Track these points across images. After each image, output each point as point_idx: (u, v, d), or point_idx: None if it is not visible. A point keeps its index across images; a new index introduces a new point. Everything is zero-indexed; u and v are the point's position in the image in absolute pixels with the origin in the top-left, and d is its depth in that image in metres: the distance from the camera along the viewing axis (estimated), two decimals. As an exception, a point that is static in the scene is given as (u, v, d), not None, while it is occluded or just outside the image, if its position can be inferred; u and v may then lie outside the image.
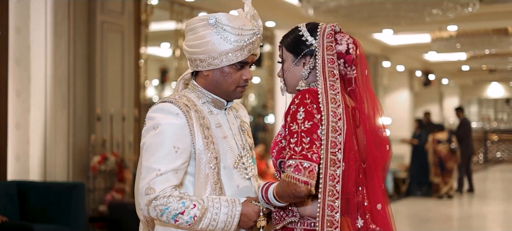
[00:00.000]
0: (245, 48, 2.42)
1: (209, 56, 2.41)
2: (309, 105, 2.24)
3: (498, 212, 11.24)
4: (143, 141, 2.38)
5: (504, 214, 10.86)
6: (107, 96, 7.50)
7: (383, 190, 2.37)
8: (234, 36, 2.39)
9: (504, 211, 11.24)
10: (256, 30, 2.45)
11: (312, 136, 2.20)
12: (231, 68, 2.44)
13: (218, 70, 2.44)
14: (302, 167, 2.16)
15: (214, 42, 2.39)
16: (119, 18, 7.71)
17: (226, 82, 2.46)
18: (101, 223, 7.10)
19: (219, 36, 2.39)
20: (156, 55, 11.86)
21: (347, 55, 2.36)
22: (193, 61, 2.47)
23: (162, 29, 10.52)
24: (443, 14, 9.24)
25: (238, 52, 2.41)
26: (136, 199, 2.50)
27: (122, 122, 7.66)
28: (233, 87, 2.48)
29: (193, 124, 2.38)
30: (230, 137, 2.51)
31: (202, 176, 2.39)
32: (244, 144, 2.57)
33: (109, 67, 7.53)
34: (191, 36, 2.46)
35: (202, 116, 2.44)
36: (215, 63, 2.42)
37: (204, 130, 2.41)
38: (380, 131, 2.40)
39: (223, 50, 2.39)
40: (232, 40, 2.39)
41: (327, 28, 2.38)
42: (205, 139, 2.40)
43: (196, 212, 2.28)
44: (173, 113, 2.37)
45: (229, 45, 2.39)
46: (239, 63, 2.43)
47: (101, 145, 7.35)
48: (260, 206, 2.37)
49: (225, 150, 2.47)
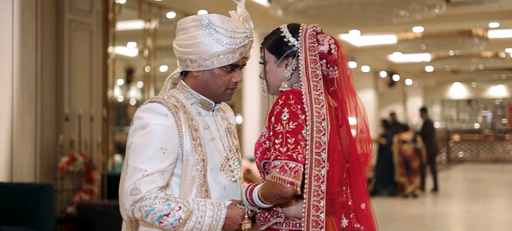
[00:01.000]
0: (237, 51, 2.41)
1: (200, 57, 2.39)
2: (294, 106, 2.24)
3: (461, 211, 11.41)
4: (130, 140, 2.36)
5: (467, 213, 11.02)
6: (75, 96, 7.40)
7: (366, 189, 2.39)
8: (227, 38, 2.38)
9: (467, 210, 11.41)
10: (248, 33, 2.44)
11: (297, 136, 2.20)
12: (221, 70, 2.42)
13: (209, 71, 2.43)
14: (288, 168, 2.16)
15: (206, 44, 2.38)
16: (87, 17, 7.61)
17: (216, 84, 2.45)
18: (69, 225, 7.01)
19: (211, 38, 2.37)
20: (122, 55, 11.78)
21: (329, 56, 2.37)
22: (183, 61, 2.45)
23: (128, 29, 10.45)
24: (410, 15, 9.34)
25: (230, 55, 2.40)
26: (121, 199, 2.47)
27: (90, 122, 7.57)
28: (222, 89, 2.47)
29: (181, 125, 2.37)
30: (217, 139, 2.50)
31: (188, 178, 2.37)
32: (231, 146, 2.56)
33: (77, 66, 7.43)
34: (182, 35, 2.44)
35: (191, 117, 2.43)
36: (206, 64, 2.40)
37: (193, 132, 2.40)
38: (362, 131, 2.42)
39: (215, 52, 2.38)
40: (224, 43, 2.38)
41: (309, 29, 2.39)
42: (193, 140, 2.38)
43: (182, 214, 2.27)
44: (162, 114, 2.35)
45: (221, 47, 2.38)
46: (229, 66, 2.42)
47: (69, 145, 7.25)
48: (245, 209, 2.37)
49: (213, 152, 2.46)
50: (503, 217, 10.61)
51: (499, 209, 11.57)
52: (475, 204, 12.00)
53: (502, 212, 11.31)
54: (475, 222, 10.02)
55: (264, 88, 2.48)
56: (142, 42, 9.82)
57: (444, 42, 13.30)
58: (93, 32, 7.68)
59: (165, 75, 9.98)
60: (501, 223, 10.03)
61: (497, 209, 11.50)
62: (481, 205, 11.79)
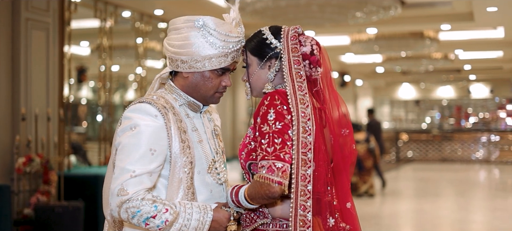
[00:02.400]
0: (229, 55, 2.41)
1: (192, 58, 2.38)
2: (279, 106, 2.26)
3: (411, 210, 11.60)
4: (118, 140, 2.33)
5: (417, 212, 11.21)
6: (32, 95, 7.26)
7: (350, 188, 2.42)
8: (220, 42, 2.38)
9: (417, 208, 11.61)
10: (241, 38, 2.45)
11: (283, 136, 2.22)
12: (212, 73, 2.42)
13: (199, 73, 2.42)
14: (275, 168, 2.17)
15: (199, 45, 2.37)
16: (44, 15, 7.48)
17: (206, 87, 2.45)
18: (26, 227, 6.88)
19: (204, 40, 2.37)
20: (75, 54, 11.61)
21: (312, 57, 2.39)
22: (174, 61, 2.44)
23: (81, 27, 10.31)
24: (366, 17, 9.47)
25: (222, 58, 2.40)
26: (105, 199, 2.45)
27: (47, 122, 7.44)
28: (212, 92, 2.47)
29: (170, 126, 2.36)
30: (205, 141, 2.50)
31: (175, 180, 2.36)
32: (217, 148, 2.56)
33: (34, 65, 7.30)
34: (174, 35, 2.43)
35: (180, 119, 2.42)
36: (197, 66, 2.39)
37: (181, 134, 2.38)
38: (345, 131, 2.45)
39: (207, 55, 2.38)
40: (217, 46, 2.38)
41: (290, 31, 2.41)
42: (181, 142, 2.37)
43: (168, 216, 2.26)
44: (151, 114, 2.33)
45: (214, 50, 2.38)
46: (220, 69, 2.42)
47: (25, 145, 7.12)
48: (231, 211, 2.37)
49: (200, 154, 2.45)
50: (452, 215, 10.83)
51: (448, 208, 11.81)
52: (424, 202, 12.21)
53: (450, 210, 11.54)
54: (425, 220, 10.19)
55: (247, 91, 2.49)
56: (96, 41, 9.70)
57: (396, 43, 13.52)
58: (49, 31, 7.55)
59: (118, 74, 9.89)
60: (450, 220, 10.23)
61: (446, 208, 11.73)
62: (431, 203, 12.02)
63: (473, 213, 11.29)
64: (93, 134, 11.96)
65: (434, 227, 9.56)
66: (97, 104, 10.49)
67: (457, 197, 13.56)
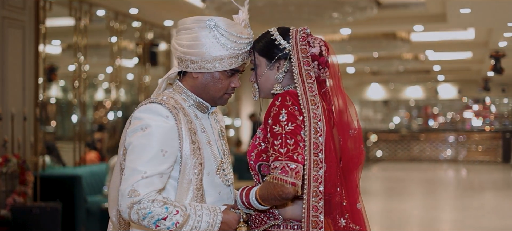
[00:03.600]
0: (240, 57, 2.40)
1: (202, 59, 2.36)
2: (291, 107, 2.25)
3: (381, 209, 11.68)
4: (129, 140, 2.29)
5: (387, 212, 11.29)
6: (8, 95, 7.15)
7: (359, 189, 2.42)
8: (231, 43, 2.36)
9: (386, 208, 11.71)
10: (251, 39, 2.44)
11: (296, 137, 2.21)
12: (222, 74, 2.40)
13: (209, 74, 2.40)
14: (289, 168, 2.16)
15: (210, 46, 2.35)
16: (20, 13, 7.37)
17: (215, 88, 2.42)
18: (3, 228, 6.76)
19: (216, 41, 2.34)
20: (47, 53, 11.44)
21: (320, 58, 2.38)
22: (184, 61, 2.41)
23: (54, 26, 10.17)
24: (342, 17, 9.51)
25: (232, 60, 2.38)
26: (111, 200, 2.41)
27: (23, 122, 7.33)
28: (221, 94, 2.45)
29: (181, 127, 2.33)
30: (213, 142, 2.48)
31: (185, 182, 2.33)
32: (224, 150, 2.54)
33: (10, 64, 7.18)
34: (184, 35, 2.40)
35: (190, 120, 2.39)
36: (208, 67, 2.37)
37: (192, 135, 2.36)
38: (353, 132, 2.45)
39: (218, 55, 2.35)
40: (229, 47, 2.36)
41: (299, 32, 2.40)
42: (192, 144, 2.34)
43: (179, 218, 2.23)
44: (163, 115, 2.30)
45: (225, 51, 2.35)
46: (230, 70, 2.40)
47: (2, 145, 7.00)
48: (240, 213, 2.35)
49: (209, 155, 2.43)
50: (421, 214, 10.95)
51: (417, 207, 11.93)
52: (394, 202, 12.34)
53: (420, 209, 11.67)
54: (394, 219, 10.29)
55: (254, 92, 2.47)
56: (68, 40, 9.58)
57: (369, 44, 13.61)
58: (25, 29, 7.44)
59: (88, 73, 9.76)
60: (420, 220, 10.35)
61: (416, 207, 11.86)
62: (400, 203, 12.14)
63: (442, 212, 11.43)
64: (63, 133, 11.82)
65: (403, 226, 9.65)
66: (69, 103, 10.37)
67: (426, 196, 13.71)
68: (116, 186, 2.40)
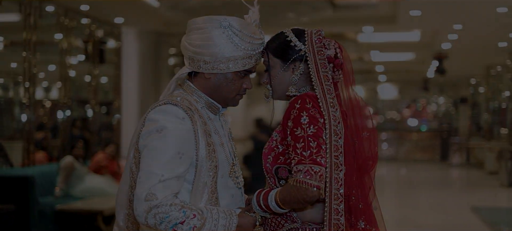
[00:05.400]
0: (253, 57, 2.36)
1: (216, 59, 2.30)
2: (312, 110, 2.22)
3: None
4: (144, 143, 2.23)
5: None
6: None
7: (374, 191, 2.41)
8: (245, 43, 2.32)
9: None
10: (263, 40, 2.40)
11: (318, 140, 2.18)
12: (235, 75, 2.36)
13: (222, 75, 2.35)
14: (313, 172, 2.13)
15: (224, 46, 2.29)
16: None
17: (228, 89, 2.37)
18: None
19: (229, 41, 2.29)
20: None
21: (336, 60, 2.36)
22: (196, 62, 2.34)
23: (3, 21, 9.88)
24: (298, 18, 9.55)
25: (246, 60, 2.33)
26: (120, 204, 2.35)
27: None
28: (233, 95, 2.40)
29: (197, 129, 2.27)
30: (225, 144, 2.43)
31: (200, 184, 2.28)
32: (234, 151, 2.50)
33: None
34: (197, 35, 2.33)
35: (204, 121, 2.33)
36: (221, 67, 2.31)
37: (207, 137, 2.31)
38: (366, 134, 2.43)
39: (232, 56, 2.30)
40: (242, 48, 2.31)
41: (314, 33, 2.37)
42: (207, 146, 2.29)
43: (196, 222, 2.17)
44: (179, 117, 2.24)
45: (239, 52, 2.31)
46: (243, 71, 2.36)
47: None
48: (256, 216, 2.31)
49: (223, 158, 2.38)
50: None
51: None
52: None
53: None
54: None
55: (267, 93, 2.44)
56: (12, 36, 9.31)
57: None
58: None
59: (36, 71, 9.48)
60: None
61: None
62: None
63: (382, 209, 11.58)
64: (1, 132, 11.45)
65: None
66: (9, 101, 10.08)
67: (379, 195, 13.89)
68: (125, 189, 2.34)
